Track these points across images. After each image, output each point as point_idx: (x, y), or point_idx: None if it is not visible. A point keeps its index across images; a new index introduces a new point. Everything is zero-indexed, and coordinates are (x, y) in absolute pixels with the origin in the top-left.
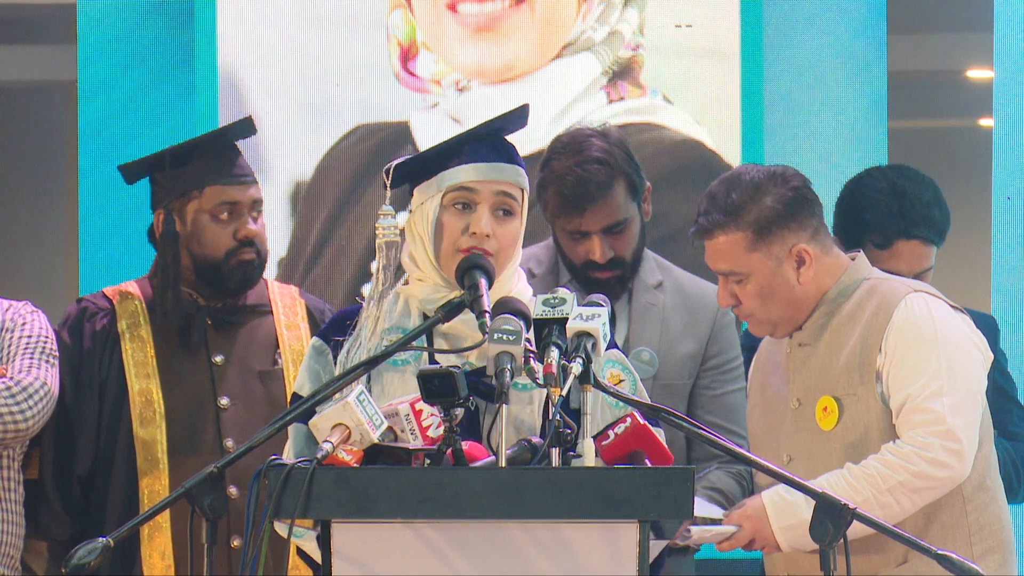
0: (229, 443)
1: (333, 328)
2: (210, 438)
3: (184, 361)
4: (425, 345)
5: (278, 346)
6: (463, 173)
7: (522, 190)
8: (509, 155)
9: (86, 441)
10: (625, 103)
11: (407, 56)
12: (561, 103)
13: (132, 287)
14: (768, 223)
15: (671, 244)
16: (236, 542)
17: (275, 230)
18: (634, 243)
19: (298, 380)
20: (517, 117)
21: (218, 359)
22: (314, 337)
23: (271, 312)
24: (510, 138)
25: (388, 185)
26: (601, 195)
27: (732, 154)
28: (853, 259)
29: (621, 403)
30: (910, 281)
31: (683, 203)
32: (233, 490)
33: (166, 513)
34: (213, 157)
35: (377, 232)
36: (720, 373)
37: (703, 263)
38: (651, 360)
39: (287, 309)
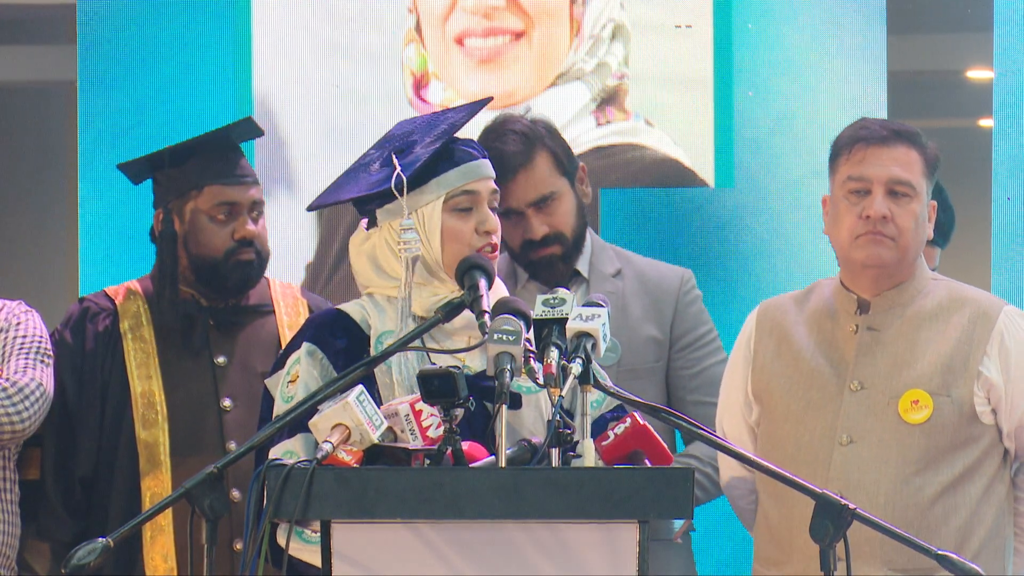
0: (231, 445)
1: (325, 331)
2: (212, 439)
3: (186, 362)
4: (427, 346)
5: (280, 346)
6: (461, 176)
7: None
8: (482, 151)
9: (88, 442)
10: (612, 126)
11: (419, 85)
12: (555, 126)
13: (134, 287)
14: (935, 163)
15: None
16: (239, 545)
17: (303, 238)
18: (571, 219)
19: (300, 387)
20: (476, 112)
21: (220, 360)
22: (305, 343)
23: (273, 312)
24: None
25: (405, 193)
26: (521, 166)
27: (706, 171)
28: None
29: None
30: (985, 291)
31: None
32: (235, 493)
33: (168, 514)
34: (213, 157)
35: (400, 247)
36: (694, 351)
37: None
38: (613, 347)
39: (289, 309)
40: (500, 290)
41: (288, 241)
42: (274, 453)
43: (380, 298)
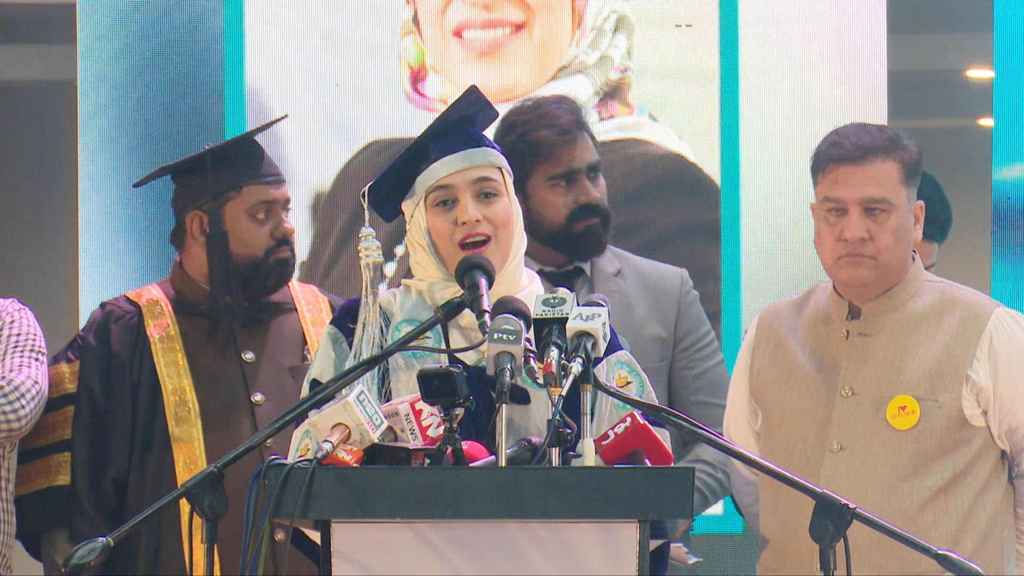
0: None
1: (347, 316)
2: (247, 434)
3: (214, 359)
4: (432, 342)
5: (306, 342)
6: (435, 172)
7: (499, 168)
8: (476, 140)
9: (120, 443)
10: (615, 120)
11: (417, 78)
12: None
13: (155, 290)
14: (915, 166)
15: (657, 248)
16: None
17: (297, 235)
18: (605, 196)
19: (316, 367)
20: (468, 103)
21: (248, 356)
22: (328, 325)
23: (295, 309)
24: None
25: (366, 207)
26: (579, 131)
27: (712, 166)
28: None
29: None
30: (981, 293)
31: (667, 210)
32: None
33: None
34: (248, 157)
35: (360, 253)
36: (696, 351)
37: (681, 264)
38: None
39: (311, 306)
40: (531, 285)
41: None
42: (297, 433)
43: (413, 289)
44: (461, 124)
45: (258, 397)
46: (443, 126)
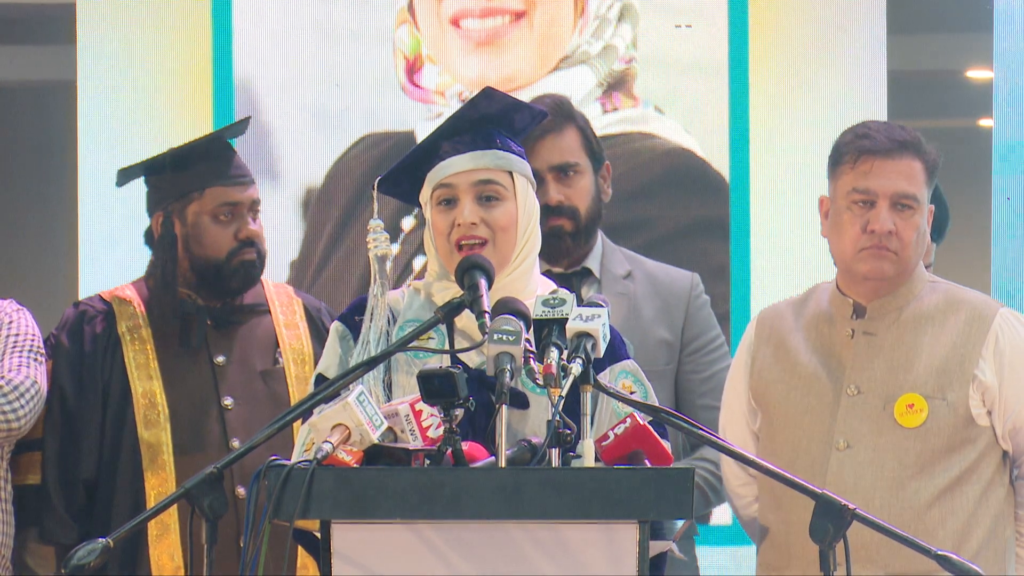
0: (235, 443)
1: (356, 310)
2: (216, 439)
3: (186, 362)
4: (436, 343)
5: (278, 345)
6: (441, 170)
7: (509, 172)
8: (488, 141)
9: (90, 444)
10: (619, 113)
11: (412, 69)
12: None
13: (129, 290)
14: (935, 169)
15: (663, 247)
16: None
17: (287, 233)
18: (587, 199)
19: (323, 362)
20: (487, 104)
21: (219, 359)
22: (336, 321)
23: (269, 311)
24: None
25: (375, 198)
26: (549, 131)
27: (721, 161)
28: None
29: (626, 410)
30: (983, 294)
31: (674, 207)
32: (241, 491)
33: (174, 513)
34: (212, 159)
35: (368, 245)
36: (704, 355)
37: (690, 265)
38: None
39: (284, 308)
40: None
41: (271, 237)
42: (302, 430)
43: (422, 291)
44: (479, 124)
45: (228, 401)
46: (457, 125)
